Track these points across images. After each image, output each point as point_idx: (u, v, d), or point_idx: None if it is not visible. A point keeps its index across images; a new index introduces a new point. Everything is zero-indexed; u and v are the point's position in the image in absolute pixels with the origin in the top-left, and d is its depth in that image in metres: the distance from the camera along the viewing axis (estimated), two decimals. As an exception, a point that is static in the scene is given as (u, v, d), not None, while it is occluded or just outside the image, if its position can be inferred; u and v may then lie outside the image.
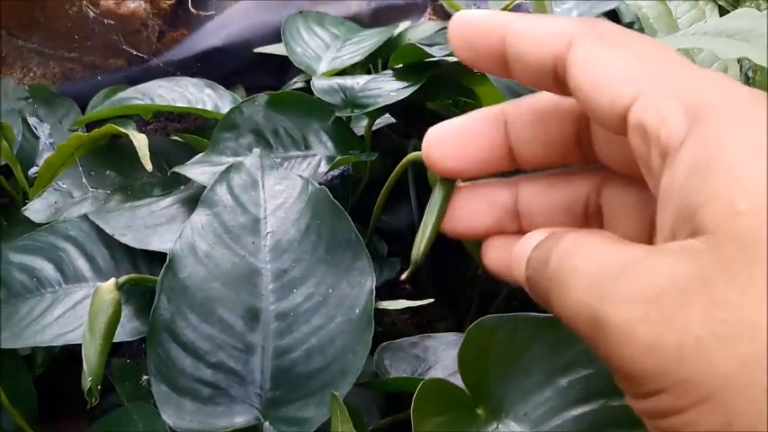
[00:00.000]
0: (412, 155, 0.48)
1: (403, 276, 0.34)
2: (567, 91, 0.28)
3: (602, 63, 0.26)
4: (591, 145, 0.31)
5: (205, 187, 0.50)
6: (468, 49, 0.30)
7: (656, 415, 0.22)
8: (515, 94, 0.54)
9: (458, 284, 0.65)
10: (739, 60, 0.51)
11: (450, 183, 0.33)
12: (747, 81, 0.53)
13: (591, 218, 0.32)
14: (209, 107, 0.67)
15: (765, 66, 0.40)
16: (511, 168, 0.33)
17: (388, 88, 0.57)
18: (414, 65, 0.59)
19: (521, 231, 0.32)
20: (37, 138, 0.73)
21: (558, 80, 0.28)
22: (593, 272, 0.24)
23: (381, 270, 0.60)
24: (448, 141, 0.32)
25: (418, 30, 0.79)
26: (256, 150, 0.53)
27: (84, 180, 0.62)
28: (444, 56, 0.58)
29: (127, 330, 0.50)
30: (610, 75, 0.26)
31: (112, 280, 0.44)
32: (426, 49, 0.56)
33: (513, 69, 0.29)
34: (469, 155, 0.32)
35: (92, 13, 0.72)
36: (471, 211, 0.33)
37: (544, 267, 0.26)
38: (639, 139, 0.25)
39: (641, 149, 0.25)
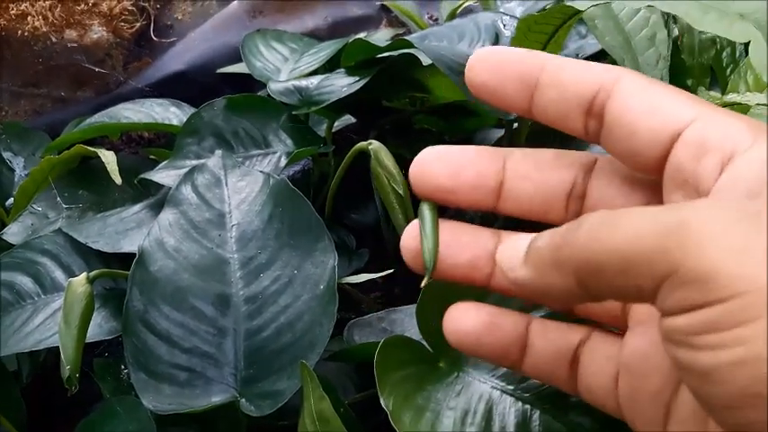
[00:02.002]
0: (359, 145, 0.51)
1: (422, 284, 0.34)
2: (594, 127, 0.30)
3: (654, 92, 0.29)
4: (581, 197, 0.33)
5: (173, 193, 0.53)
6: (494, 73, 0.31)
7: (704, 329, 0.23)
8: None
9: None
10: (666, 24, 0.54)
11: (436, 208, 0.34)
12: (675, 45, 0.56)
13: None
14: (175, 123, 0.69)
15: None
16: (492, 209, 0.34)
17: (340, 84, 0.60)
18: (364, 61, 0.62)
19: (489, 285, 0.33)
20: (12, 170, 0.76)
21: (590, 112, 0.30)
22: (651, 211, 0.24)
23: (350, 261, 0.62)
24: (444, 160, 0.33)
25: (373, 38, 0.82)
26: (218, 152, 0.56)
27: (58, 200, 0.64)
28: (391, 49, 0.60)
29: (105, 330, 0.52)
30: (663, 102, 0.28)
31: (84, 274, 0.46)
32: (372, 41, 0.59)
33: (542, 98, 0.31)
34: (462, 177, 0.33)
35: (56, 47, 0.74)
36: (454, 244, 0.33)
37: (574, 233, 0.26)
38: (693, 152, 0.27)
39: (689, 163, 0.27)
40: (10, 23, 0.78)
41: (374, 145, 0.50)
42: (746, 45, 0.57)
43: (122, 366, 0.54)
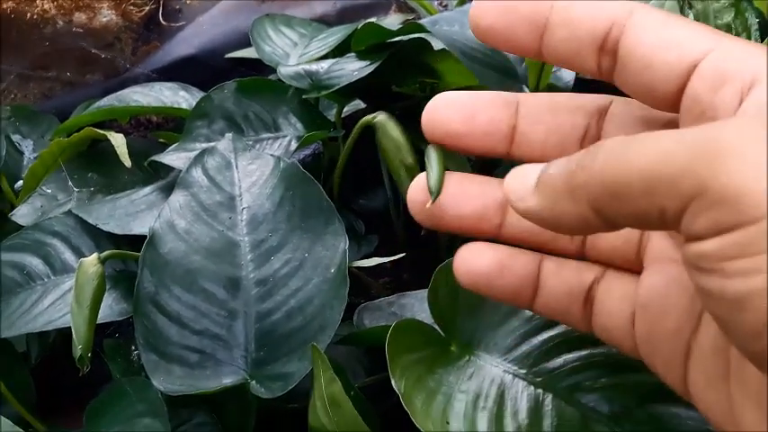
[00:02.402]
0: (365, 119, 0.50)
1: (427, 206, 0.33)
2: (607, 64, 0.29)
3: (669, 25, 0.28)
4: (595, 141, 0.32)
5: (183, 175, 0.53)
6: (500, 15, 0.31)
7: (735, 253, 0.21)
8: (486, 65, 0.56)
9: (434, 256, 0.67)
10: (681, 10, 0.53)
11: (442, 149, 0.34)
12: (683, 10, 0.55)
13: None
14: (184, 107, 0.69)
15: None
16: (504, 155, 0.33)
17: (351, 68, 0.60)
18: (374, 46, 0.62)
19: (499, 235, 0.33)
20: (21, 153, 0.76)
21: (603, 49, 0.29)
22: (677, 132, 0.23)
23: (359, 246, 0.62)
24: (457, 105, 0.33)
25: (383, 23, 0.81)
26: (228, 135, 0.55)
27: (68, 183, 0.64)
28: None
29: (115, 311, 0.52)
30: (678, 34, 0.28)
31: (95, 254, 0.46)
32: (385, 25, 0.59)
33: (552, 38, 0.30)
34: (475, 122, 0.33)
35: (65, 30, 0.74)
36: (463, 194, 0.33)
37: (592, 157, 0.25)
38: (710, 83, 0.26)
39: (706, 94, 0.27)
40: (19, 6, 0.78)
41: (380, 117, 0.49)
42: (762, 30, 0.57)
43: (133, 347, 0.54)
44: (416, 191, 0.34)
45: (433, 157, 0.33)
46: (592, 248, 0.34)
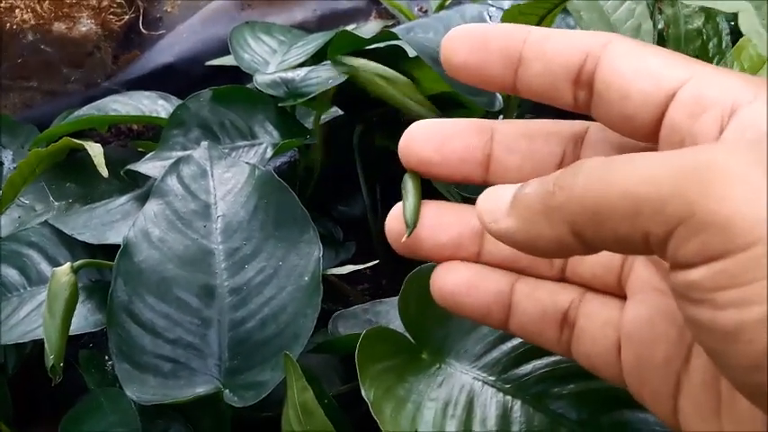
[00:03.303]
0: (343, 69, 0.51)
1: (402, 240, 0.33)
2: (584, 96, 0.29)
3: (644, 55, 0.28)
4: None
5: (159, 184, 0.53)
6: (473, 51, 0.30)
7: (725, 282, 0.21)
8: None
9: (413, 261, 0.67)
10: (652, 15, 0.54)
11: (418, 178, 0.33)
12: (661, 36, 0.56)
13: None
14: (163, 116, 0.69)
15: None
16: (480, 182, 0.33)
17: (326, 76, 0.60)
18: (351, 53, 0.62)
19: (478, 259, 0.33)
20: (1, 164, 0.75)
21: (579, 81, 0.29)
22: (663, 154, 0.23)
23: (337, 253, 0.63)
24: (431, 133, 0.32)
25: (362, 30, 0.82)
26: (204, 143, 0.55)
27: (46, 193, 0.64)
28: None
29: (90, 322, 0.52)
30: (654, 63, 0.27)
31: (67, 264, 0.46)
32: (359, 33, 0.59)
33: (526, 73, 0.30)
34: (449, 149, 0.32)
35: (45, 40, 0.74)
36: (440, 223, 0.33)
37: (571, 177, 0.24)
38: (689, 110, 0.26)
39: (685, 122, 0.26)
40: (-2, 16, 0.78)
41: (355, 61, 0.49)
42: (733, 35, 0.57)
43: (107, 358, 0.54)
44: (393, 221, 0.33)
45: (409, 187, 0.33)
46: (572, 275, 0.33)
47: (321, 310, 0.47)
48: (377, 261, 0.52)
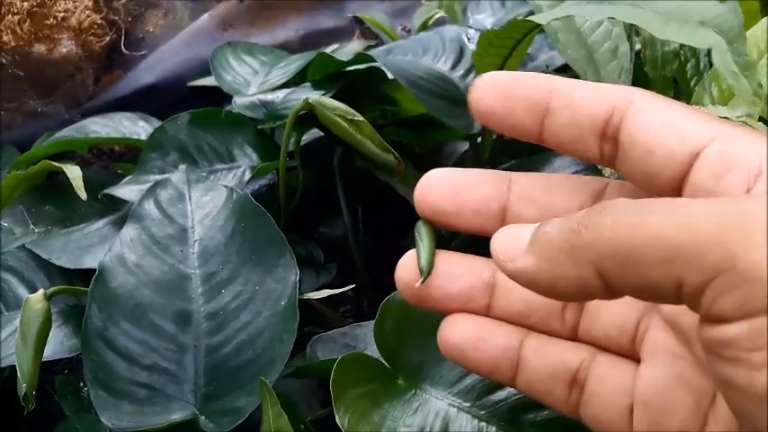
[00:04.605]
0: (299, 105, 0.53)
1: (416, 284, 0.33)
2: (609, 150, 0.29)
3: (671, 111, 0.28)
4: None
5: (137, 208, 0.53)
6: (501, 99, 0.30)
7: (758, 344, 0.20)
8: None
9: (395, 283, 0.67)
10: (629, 37, 0.54)
11: (432, 226, 0.33)
12: (638, 57, 0.56)
13: None
14: (143, 137, 0.69)
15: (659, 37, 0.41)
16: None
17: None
18: (330, 75, 0.62)
19: (487, 312, 0.33)
20: (-20, 185, 0.75)
21: (605, 135, 0.29)
22: (703, 200, 0.22)
23: (318, 275, 0.62)
24: (447, 182, 0.32)
25: (345, 50, 0.82)
26: (182, 166, 0.55)
27: (25, 217, 0.64)
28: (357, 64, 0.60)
29: (66, 348, 0.52)
30: (680, 121, 0.27)
31: (41, 291, 0.46)
32: (339, 54, 0.59)
33: (554, 123, 0.30)
34: (465, 199, 0.32)
35: (25, 61, 0.74)
36: (448, 273, 0.33)
37: (598, 217, 0.23)
38: (714, 170, 0.26)
39: (709, 181, 0.26)
40: (-21, 37, 0.78)
41: (313, 98, 0.51)
42: (710, 56, 0.58)
43: (82, 384, 0.53)
44: (403, 270, 0.33)
45: (423, 235, 0.33)
46: (584, 335, 0.32)
47: (301, 333, 0.47)
48: (353, 286, 0.52)
